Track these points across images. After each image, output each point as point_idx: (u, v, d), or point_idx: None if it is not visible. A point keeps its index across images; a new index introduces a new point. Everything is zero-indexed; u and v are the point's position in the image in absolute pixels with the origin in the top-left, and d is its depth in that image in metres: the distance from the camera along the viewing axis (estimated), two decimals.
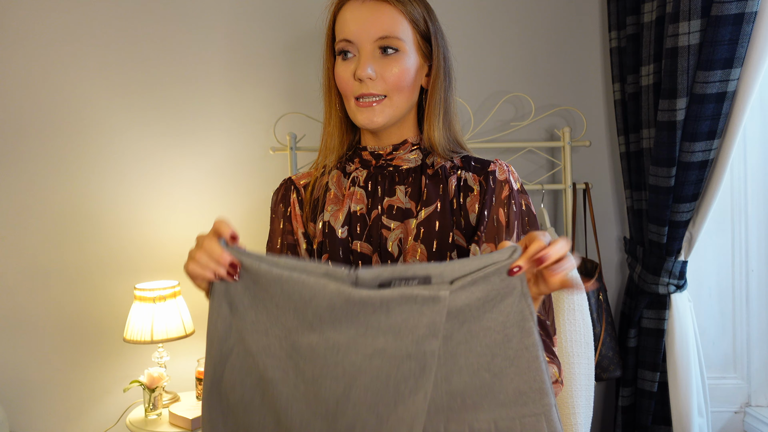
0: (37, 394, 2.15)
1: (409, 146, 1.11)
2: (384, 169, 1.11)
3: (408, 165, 1.11)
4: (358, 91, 1.05)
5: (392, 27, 1.04)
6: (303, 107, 2.17)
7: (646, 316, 1.95)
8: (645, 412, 1.96)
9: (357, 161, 1.13)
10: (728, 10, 1.59)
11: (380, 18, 1.03)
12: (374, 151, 1.12)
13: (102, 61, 2.14)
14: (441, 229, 1.04)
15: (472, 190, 1.07)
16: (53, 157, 2.14)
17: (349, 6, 1.06)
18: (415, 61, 1.07)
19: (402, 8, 1.04)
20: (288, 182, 1.17)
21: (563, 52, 2.22)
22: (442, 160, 1.10)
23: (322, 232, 1.08)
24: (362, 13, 1.04)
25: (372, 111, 1.05)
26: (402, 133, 1.12)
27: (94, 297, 2.16)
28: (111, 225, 2.16)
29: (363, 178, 1.11)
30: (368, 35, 1.03)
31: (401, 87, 1.05)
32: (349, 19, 1.05)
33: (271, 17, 2.18)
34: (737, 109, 1.67)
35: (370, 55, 1.04)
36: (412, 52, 1.06)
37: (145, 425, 1.91)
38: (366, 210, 1.08)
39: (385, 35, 1.03)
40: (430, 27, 1.08)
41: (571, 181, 2.13)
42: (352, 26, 1.04)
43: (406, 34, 1.05)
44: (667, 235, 1.85)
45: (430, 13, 1.10)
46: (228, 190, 2.19)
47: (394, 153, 1.11)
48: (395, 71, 1.04)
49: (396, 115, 1.07)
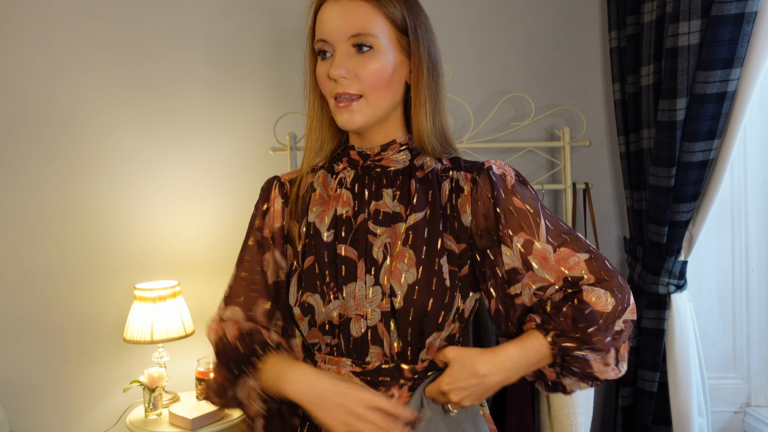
0: (37, 394, 2.15)
1: (398, 146, 1.10)
2: (371, 170, 1.09)
3: (396, 166, 1.09)
4: (334, 91, 1.04)
5: (365, 24, 1.02)
6: (303, 107, 2.16)
7: (646, 316, 1.95)
8: (645, 412, 1.96)
9: (345, 160, 1.12)
10: (728, 10, 1.59)
11: (353, 16, 1.02)
12: (362, 150, 1.11)
13: (102, 61, 2.14)
14: (430, 235, 1.03)
15: (463, 190, 1.06)
16: (53, 157, 2.14)
17: (325, 6, 1.06)
18: (393, 58, 1.04)
19: (376, 4, 1.03)
20: (273, 179, 1.16)
21: (563, 52, 2.22)
22: (431, 161, 1.09)
23: (307, 234, 1.07)
24: (336, 12, 1.03)
25: (350, 111, 1.04)
26: (388, 133, 1.10)
27: (94, 297, 2.16)
28: (111, 225, 2.16)
29: (350, 179, 1.09)
30: (341, 34, 1.03)
31: (377, 85, 1.03)
32: (326, 19, 1.05)
33: (271, 17, 2.18)
34: (737, 109, 1.67)
35: (344, 53, 1.03)
36: (389, 48, 1.04)
37: (145, 425, 1.91)
38: (352, 213, 1.06)
39: (358, 32, 1.02)
40: (409, 21, 1.05)
41: (571, 181, 2.13)
42: (327, 26, 1.04)
43: (381, 31, 1.03)
44: (667, 235, 1.85)
45: (411, 6, 1.07)
46: (228, 190, 2.19)
47: (382, 153, 1.09)
48: (371, 69, 1.02)
49: (376, 114, 1.05)
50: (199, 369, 2.02)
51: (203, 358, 2.04)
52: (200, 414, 1.88)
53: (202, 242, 2.18)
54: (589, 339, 0.97)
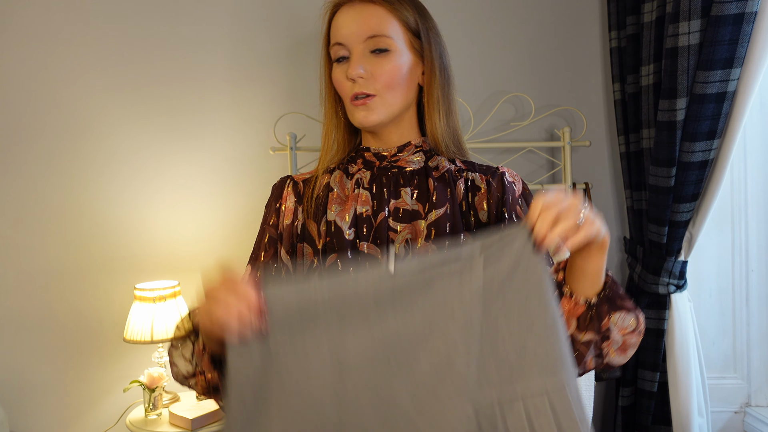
0: (37, 394, 2.15)
1: (413, 148, 1.13)
2: (388, 171, 1.12)
3: (412, 167, 1.12)
4: (351, 91, 1.08)
5: (381, 26, 1.06)
6: (303, 107, 2.17)
7: (647, 316, 1.95)
8: (645, 412, 1.96)
9: (360, 162, 1.14)
10: (728, 10, 1.59)
11: (369, 18, 1.07)
12: (378, 152, 1.14)
13: (102, 61, 2.14)
14: (452, 230, 1.06)
15: (480, 189, 1.10)
16: (53, 156, 2.14)
17: (340, 11, 1.10)
18: (408, 59, 1.09)
19: (390, 8, 1.07)
20: (285, 178, 1.18)
21: (563, 52, 2.22)
22: (445, 161, 1.12)
23: (328, 232, 1.08)
24: (351, 16, 1.08)
25: (367, 108, 1.07)
26: (402, 134, 1.13)
27: (94, 297, 2.15)
28: (111, 225, 2.16)
29: (367, 180, 1.11)
30: (358, 36, 1.07)
31: (393, 84, 1.07)
32: (341, 23, 1.08)
33: (271, 17, 2.18)
34: (737, 109, 1.67)
35: (361, 55, 1.07)
36: (404, 50, 1.08)
37: (145, 425, 1.91)
38: (371, 212, 1.09)
39: (374, 34, 1.06)
40: (421, 25, 1.10)
41: (571, 181, 2.13)
42: (342, 30, 1.08)
43: (396, 33, 1.08)
44: (667, 235, 1.85)
45: (422, 12, 1.12)
46: (228, 189, 2.19)
47: (398, 154, 1.13)
48: (386, 68, 1.06)
49: (391, 112, 1.09)
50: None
51: None
52: (200, 414, 1.88)
53: (202, 242, 2.18)
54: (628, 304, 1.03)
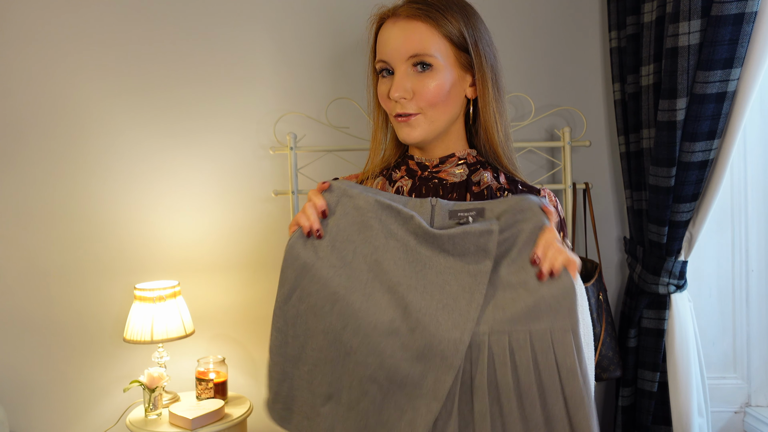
0: (37, 394, 2.15)
1: (456, 160, 1.14)
2: (429, 181, 1.13)
3: (453, 179, 1.12)
4: (394, 111, 1.10)
5: (423, 45, 1.06)
6: (303, 107, 2.17)
7: (646, 316, 1.95)
8: (645, 412, 1.96)
9: (403, 169, 1.16)
10: (728, 10, 1.59)
11: (411, 37, 1.07)
12: (421, 161, 1.15)
13: (102, 62, 2.14)
14: None
15: None
16: (53, 157, 2.14)
17: (384, 27, 1.11)
18: (451, 75, 1.09)
19: (434, 23, 1.07)
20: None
21: (563, 52, 2.22)
22: (488, 177, 1.12)
23: None
24: (395, 33, 1.08)
25: (410, 126, 1.09)
26: (448, 146, 1.14)
27: (94, 297, 2.16)
28: (111, 225, 2.16)
29: (407, 189, 1.13)
30: (400, 55, 1.07)
31: (436, 102, 1.08)
32: (385, 40, 1.10)
33: (269, 17, 2.18)
34: (737, 109, 1.67)
35: (404, 73, 1.08)
36: (447, 66, 1.08)
37: (145, 425, 1.91)
38: None
39: (416, 53, 1.07)
40: (468, 38, 1.09)
41: (571, 181, 2.13)
42: (387, 47, 1.09)
43: (439, 50, 1.07)
44: (667, 235, 1.85)
45: (470, 20, 1.10)
46: (228, 189, 2.19)
47: (440, 166, 1.14)
48: (429, 87, 1.07)
49: (434, 129, 1.10)
50: (199, 369, 2.02)
51: (203, 358, 2.04)
52: (200, 414, 1.88)
53: (202, 242, 2.18)
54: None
